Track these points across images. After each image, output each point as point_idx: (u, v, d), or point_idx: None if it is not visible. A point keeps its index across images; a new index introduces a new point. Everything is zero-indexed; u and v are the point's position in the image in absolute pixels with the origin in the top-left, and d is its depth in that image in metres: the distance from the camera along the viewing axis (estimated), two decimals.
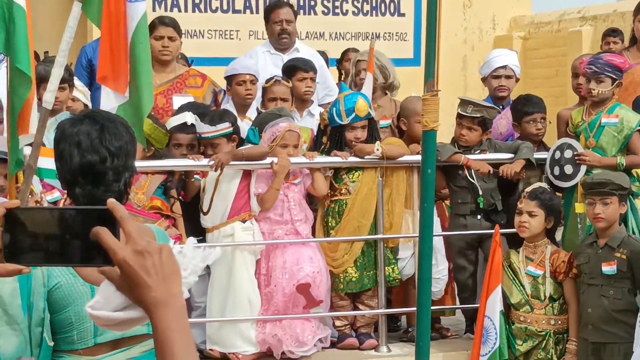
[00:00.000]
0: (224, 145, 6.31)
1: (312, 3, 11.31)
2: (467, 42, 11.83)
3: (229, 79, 7.03)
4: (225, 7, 10.94)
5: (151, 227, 3.34)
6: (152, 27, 7.01)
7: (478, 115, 6.65)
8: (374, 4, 11.48)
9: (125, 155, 3.12)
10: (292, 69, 7.19)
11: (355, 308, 6.60)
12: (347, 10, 11.39)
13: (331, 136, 6.59)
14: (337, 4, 11.37)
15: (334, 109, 6.51)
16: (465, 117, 6.68)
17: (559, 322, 6.06)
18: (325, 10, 11.36)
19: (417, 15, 11.29)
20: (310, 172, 6.47)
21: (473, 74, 10.26)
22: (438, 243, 6.48)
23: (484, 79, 7.59)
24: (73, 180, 3.07)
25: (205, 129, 6.31)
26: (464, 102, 6.75)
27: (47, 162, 4.98)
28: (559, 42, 11.28)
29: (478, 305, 6.31)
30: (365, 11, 11.46)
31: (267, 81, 6.94)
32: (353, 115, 6.46)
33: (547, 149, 6.82)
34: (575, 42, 10.83)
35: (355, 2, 11.45)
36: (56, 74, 4.88)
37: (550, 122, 7.08)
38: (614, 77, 6.42)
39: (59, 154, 3.10)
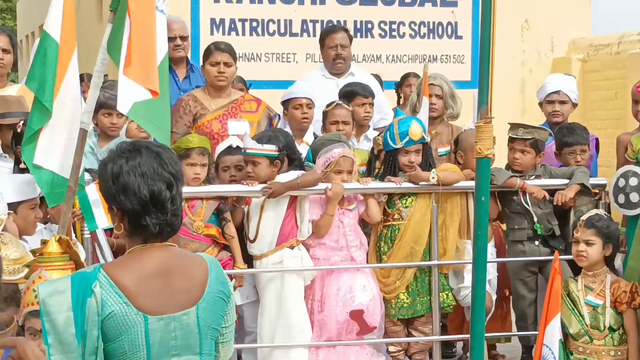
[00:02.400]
0: (264, 167, 6.26)
1: (369, 26, 11.32)
2: (525, 65, 11.75)
3: (286, 103, 7.05)
4: (282, 31, 11.01)
5: (204, 256, 3.34)
6: (208, 52, 7.07)
7: (529, 137, 6.61)
8: (431, 27, 11.46)
9: (182, 178, 3.16)
10: (351, 94, 7.19)
11: (409, 334, 6.55)
12: (404, 33, 11.39)
13: (385, 160, 6.57)
14: (394, 27, 11.38)
15: (388, 133, 6.50)
16: (517, 140, 6.65)
17: (619, 353, 5.92)
18: (382, 33, 11.37)
19: (474, 37, 11.26)
20: (364, 199, 6.44)
21: (531, 97, 10.16)
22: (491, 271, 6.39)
23: (540, 104, 7.54)
24: (144, 210, 3.08)
25: (250, 145, 6.27)
26: (514, 126, 6.72)
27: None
28: (619, 65, 11.16)
29: (534, 332, 6.22)
30: (422, 34, 11.45)
31: (328, 105, 6.94)
32: (407, 139, 6.43)
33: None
34: (635, 64, 10.69)
35: (412, 25, 11.44)
36: (92, 95, 4.92)
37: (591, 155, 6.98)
38: None
39: (121, 188, 3.10)
